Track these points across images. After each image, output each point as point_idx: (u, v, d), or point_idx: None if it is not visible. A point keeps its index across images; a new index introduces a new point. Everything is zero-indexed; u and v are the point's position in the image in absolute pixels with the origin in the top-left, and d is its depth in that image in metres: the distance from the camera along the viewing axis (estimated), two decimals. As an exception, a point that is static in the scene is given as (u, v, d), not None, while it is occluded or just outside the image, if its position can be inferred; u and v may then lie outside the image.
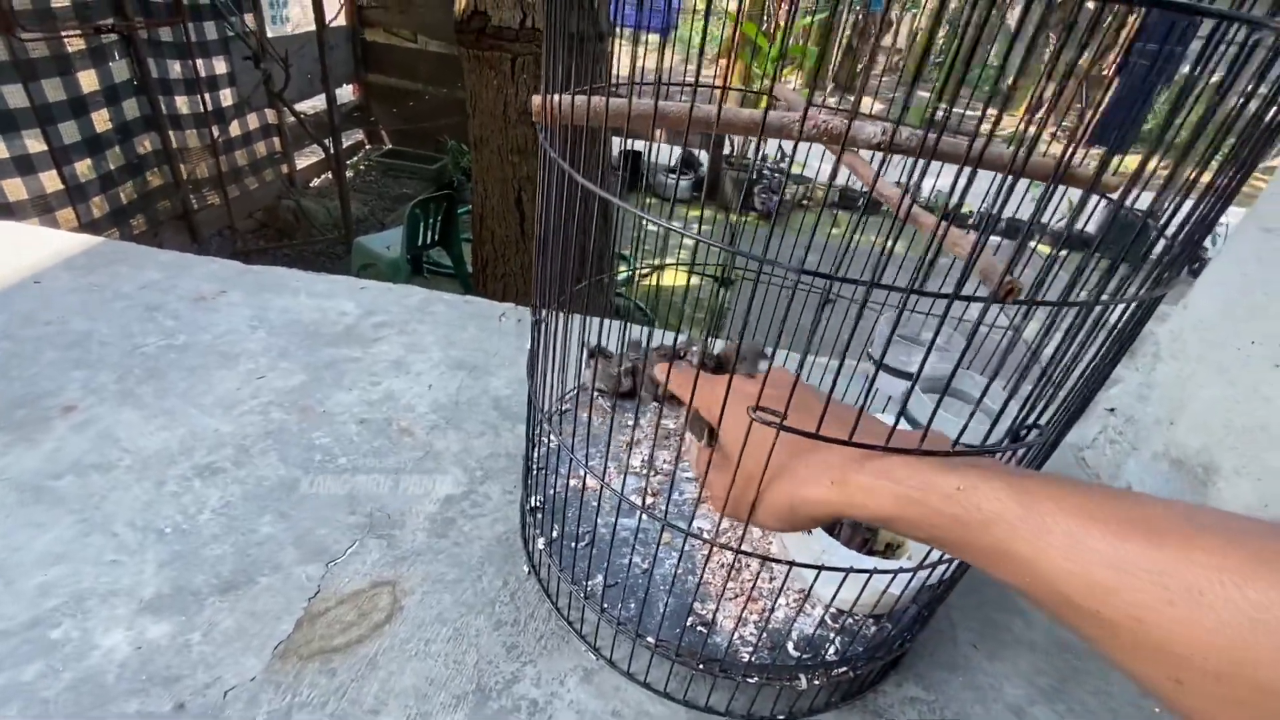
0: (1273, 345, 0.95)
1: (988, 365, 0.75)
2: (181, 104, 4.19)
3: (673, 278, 4.44)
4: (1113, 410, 1.22)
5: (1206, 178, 0.48)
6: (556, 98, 0.59)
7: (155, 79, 3.93)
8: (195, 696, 0.71)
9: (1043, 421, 0.60)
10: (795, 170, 5.99)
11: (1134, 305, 0.49)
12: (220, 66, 4.35)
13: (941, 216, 0.48)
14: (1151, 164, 0.48)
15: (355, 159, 5.97)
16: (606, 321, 1.17)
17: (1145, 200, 0.54)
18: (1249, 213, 1.04)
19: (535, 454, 0.90)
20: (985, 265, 0.43)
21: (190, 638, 0.76)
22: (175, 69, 4.09)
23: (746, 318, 0.55)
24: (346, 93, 6.01)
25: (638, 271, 4.28)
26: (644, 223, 0.52)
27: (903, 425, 0.80)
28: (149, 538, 0.86)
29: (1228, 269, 1.05)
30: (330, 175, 5.01)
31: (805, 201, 5.91)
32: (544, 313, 0.74)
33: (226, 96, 4.44)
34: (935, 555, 0.65)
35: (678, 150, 5.67)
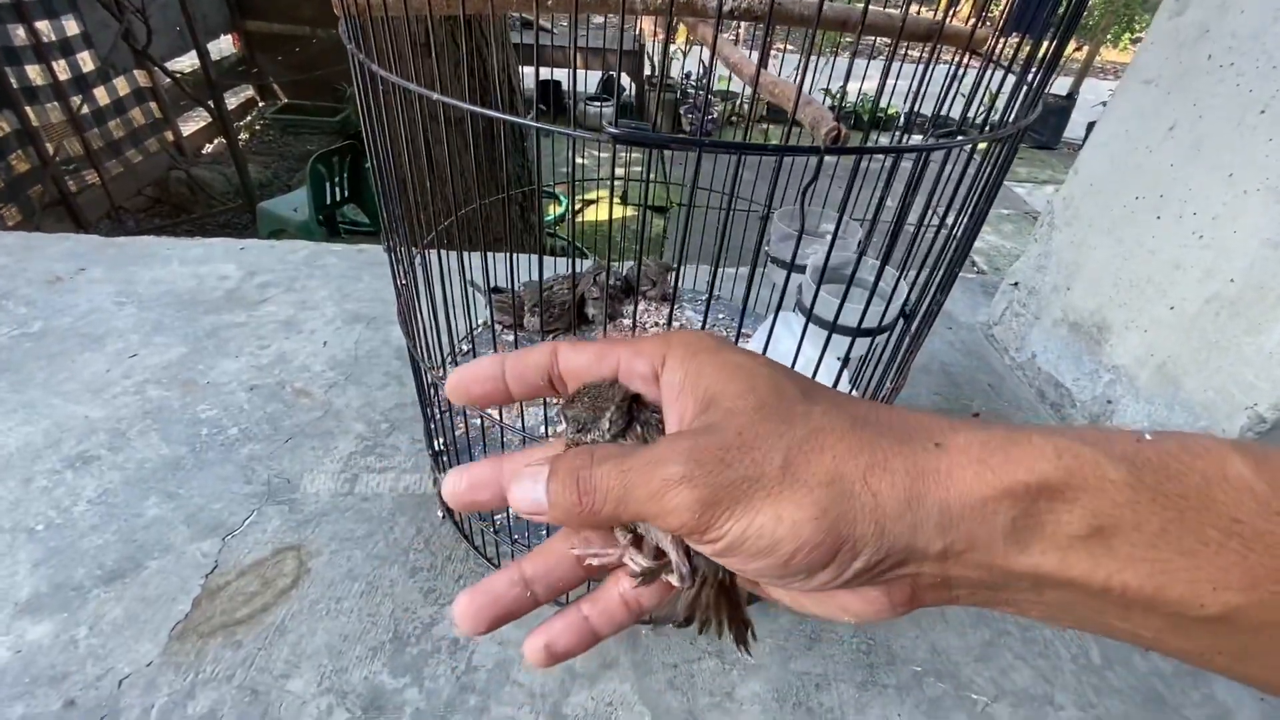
0: (1154, 197, 0.96)
1: (867, 246, 0.73)
2: (34, 74, 3.74)
3: (611, 211, 4.32)
4: (1016, 284, 1.24)
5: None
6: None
7: (-4, 47, 3.48)
8: (86, 691, 0.67)
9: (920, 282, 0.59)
10: (720, 86, 5.81)
11: (981, 146, 0.46)
12: (71, 26, 3.87)
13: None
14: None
15: (249, 118, 5.50)
16: (507, 256, 1.11)
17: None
18: (1130, 67, 1.04)
19: (432, 400, 0.86)
20: (814, 114, 0.39)
21: (76, 633, 0.71)
22: (19, 34, 3.63)
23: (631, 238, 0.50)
24: (226, 44, 5.48)
25: (569, 209, 4.15)
26: (570, 156, 0.46)
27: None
28: (19, 538, 0.80)
29: (1112, 128, 1.05)
30: (223, 139, 4.62)
31: (733, 118, 5.77)
32: (400, 254, 0.68)
33: (85, 60, 3.98)
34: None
35: (612, 79, 5.42)
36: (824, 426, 0.21)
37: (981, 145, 0.48)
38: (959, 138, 0.43)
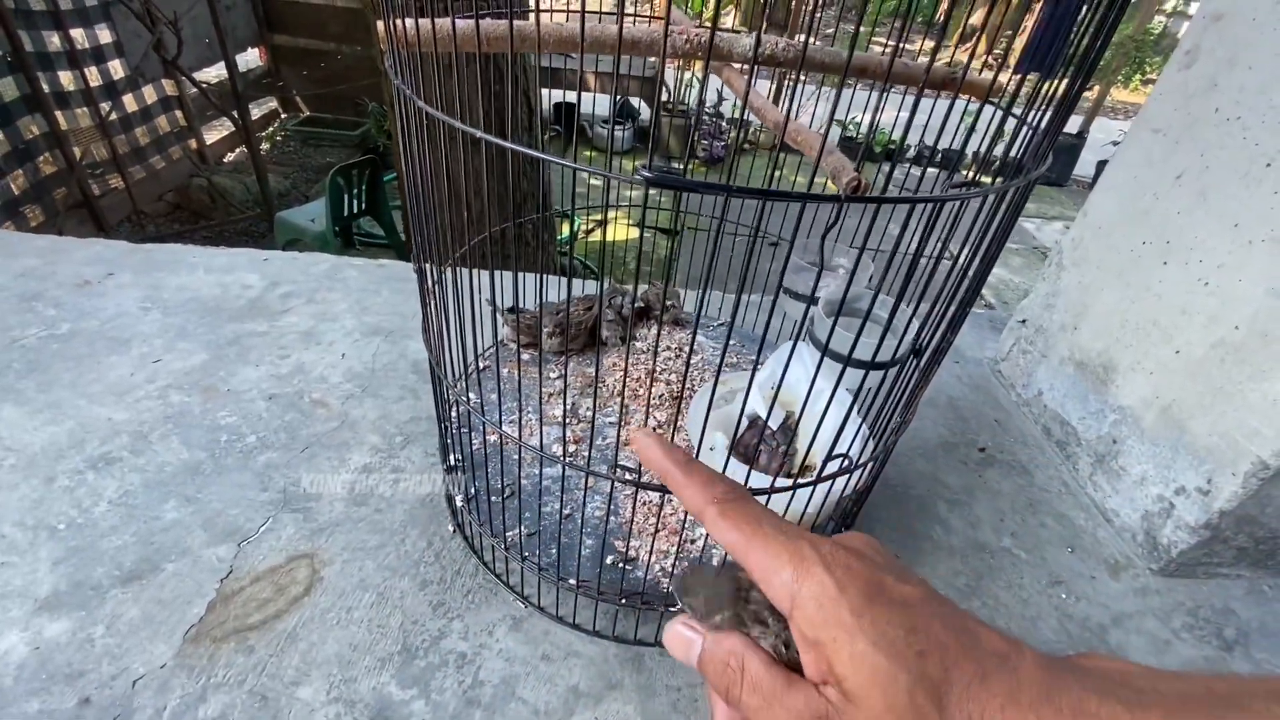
0: (1161, 243, 0.98)
1: (892, 284, 0.75)
2: (66, 80, 3.84)
3: (624, 233, 4.37)
4: (1024, 321, 1.26)
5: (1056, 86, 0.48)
6: (402, 23, 0.55)
7: (31, 53, 3.58)
8: (101, 690, 0.68)
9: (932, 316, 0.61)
10: (736, 114, 5.90)
11: (992, 197, 0.49)
12: (104, 35, 3.98)
13: (838, 136, 0.47)
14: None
15: (270, 129, 5.62)
16: (520, 276, 1.14)
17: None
18: (1139, 115, 1.07)
19: (449, 415, 0.88)
20: (835, 164, 0.42)
21: (92, 632, 0.73)
22: (54, 41, 3.73)
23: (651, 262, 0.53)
24: (253, 57, 5.61)
25: (581, 229, 4.20)
26: (585, 177, 0.49)
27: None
28: (40, 536, 0.82)
29: (1122, 173, 1.08)
30: (244, 149, 4.72)
31: (747, 145, 5.86)
32: (429, 271, 0.70)
33: (116, 69, 4.08)
34: (835, 466, 0.66)
35: (630, 105, 5.51)
36: None
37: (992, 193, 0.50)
38: (974, 189, 0.45)
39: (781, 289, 0.89)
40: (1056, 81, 0.50)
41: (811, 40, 0.63)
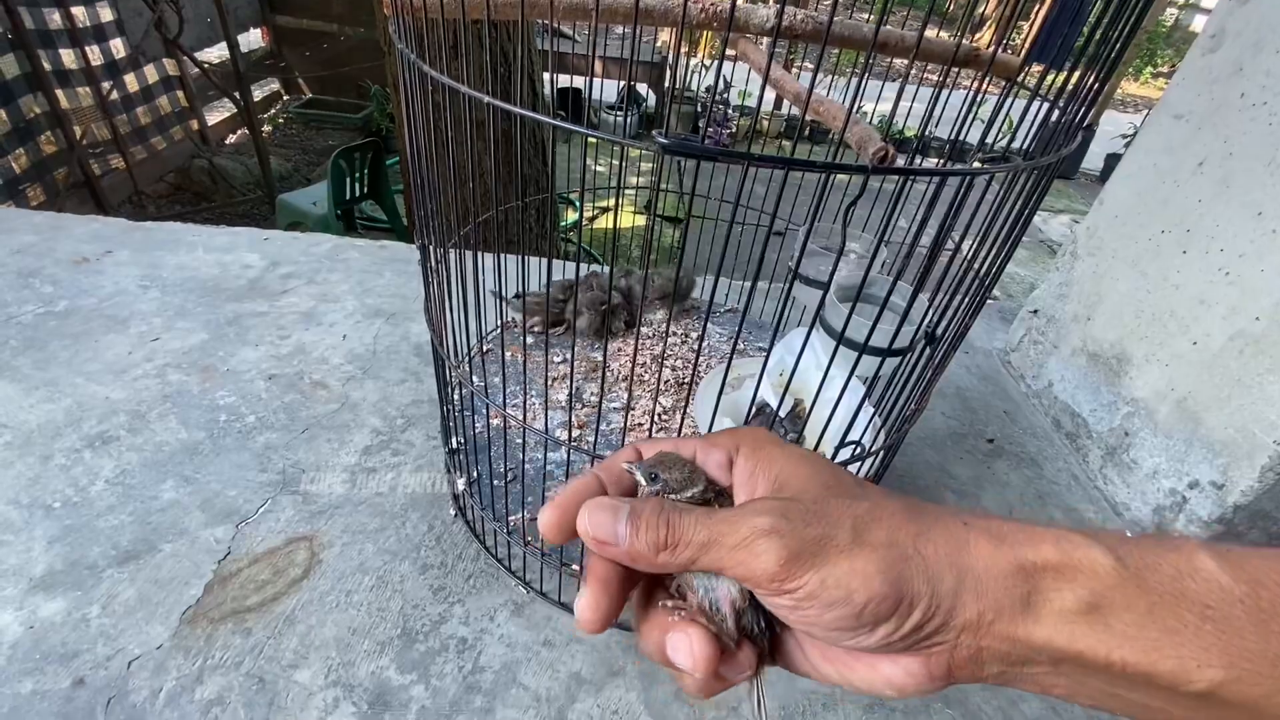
0: (1180, 232, 0.96)
1: (904, 268, 0.73)
2: (67, 58, 3.80)
3: (629, 221, 4.34)
4: (1035, 312, 1.24)
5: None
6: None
7: (32, 31, 3.54)
8: (96, 670, 0.67)
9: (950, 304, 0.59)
10: (744, 102, 5.85)
11: (1018, 174, 0.47)
12: (105, 13, 3.93)
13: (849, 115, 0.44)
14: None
15: (272, 111, 5.56)
16: (524, 260, 1.12)
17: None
18: (1160, 101, 1.04)
19: (451, 398, 0.86)
20: (861, 134, 0.40)
21: (88, 612, 0.72)
22: (55, 19, 3.69)
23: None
24: (255, 38, 5.55)
25: (585, 215, 4.16)
26: (590, 164, 0.47)
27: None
28: (36, 514, 0.80)
29: (1140, 160, 1.05)
30: (246, 130, 4.67)
31: (751, 134, 5.80)
32: (432, 251, 0.68)
33: (117, 47, 4.04)
34: (846, 454, 0.65)
35: (637, 91, 5.45)
36: (880, 504, 0.26)
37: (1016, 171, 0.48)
38: (1004, 164, 0.43)
39: (796, 274, 0.87)
40: (1084, 64, 0.48)
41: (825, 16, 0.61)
